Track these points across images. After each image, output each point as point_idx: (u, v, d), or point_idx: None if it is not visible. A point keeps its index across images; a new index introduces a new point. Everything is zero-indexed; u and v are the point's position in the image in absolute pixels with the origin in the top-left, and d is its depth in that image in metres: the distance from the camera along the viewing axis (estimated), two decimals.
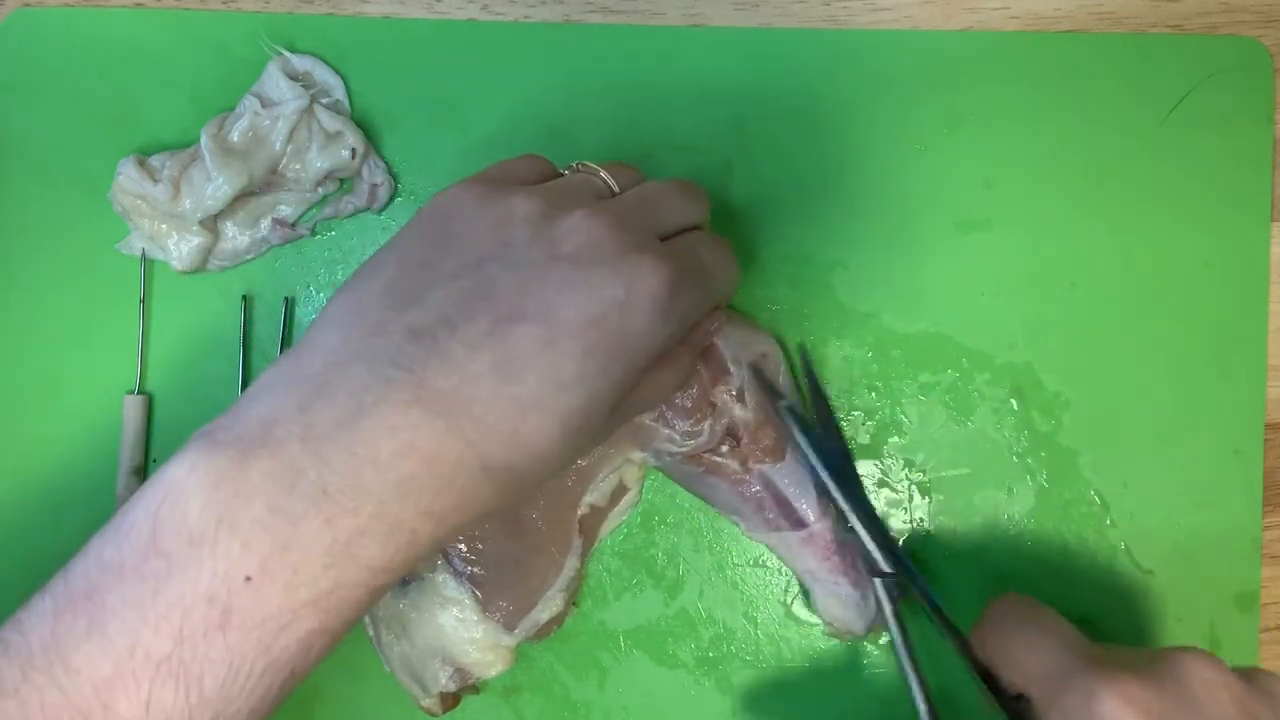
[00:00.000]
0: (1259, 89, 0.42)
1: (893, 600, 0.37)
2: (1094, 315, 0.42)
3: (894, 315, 0.42)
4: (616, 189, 0.34)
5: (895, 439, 0.42)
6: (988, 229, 0.42)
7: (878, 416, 0.42)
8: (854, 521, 0.38)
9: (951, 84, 0.42)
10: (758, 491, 0.40)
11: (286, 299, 0.42)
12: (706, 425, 0.39)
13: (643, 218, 0.32)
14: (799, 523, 0.39)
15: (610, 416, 0.30)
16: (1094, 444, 0.42)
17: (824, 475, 0.39)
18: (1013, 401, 0.42)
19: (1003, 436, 0.42)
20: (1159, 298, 0.42)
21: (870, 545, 0.38)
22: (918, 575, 0.38)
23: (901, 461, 0.42)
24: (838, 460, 0.39)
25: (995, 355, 0.42)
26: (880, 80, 0.42)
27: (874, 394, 0.42)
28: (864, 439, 0.42)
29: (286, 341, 0.42)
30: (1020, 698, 0.33)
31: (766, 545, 0.41)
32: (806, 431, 0.39)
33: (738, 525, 0.41)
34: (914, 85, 0.42)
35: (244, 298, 0.42)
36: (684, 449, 0.39)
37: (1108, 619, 0.41)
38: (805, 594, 0.41)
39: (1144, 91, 0.42)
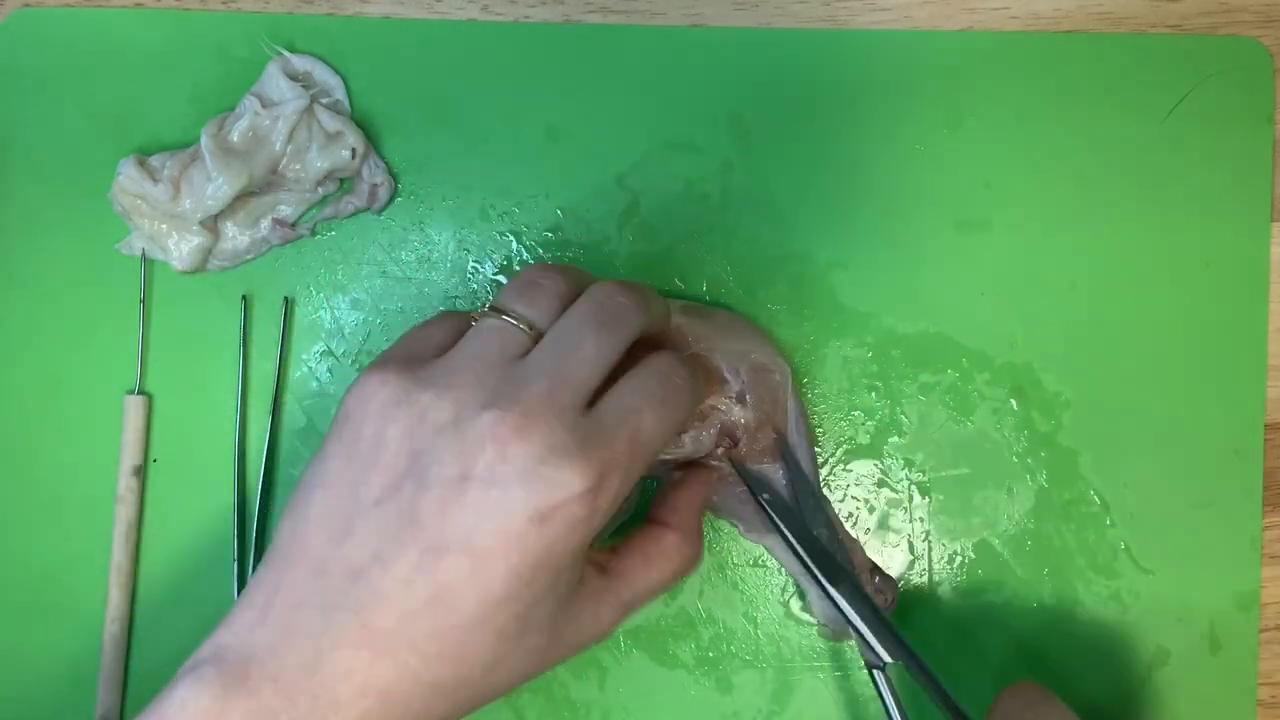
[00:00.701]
0: (1259, 89, 0.42)
1: (893, 691, 0.37)
2: (1094, 315, 0.42)
3: (894, 315, 0.42)
4: (530, 328, 0.32)
5: (895, 439, 0.42)
6: (988, 229, 0.42)
7: (878, 416, 0.42)
8: (851, 616, 0.38)
9: (951, 84, 0.42)
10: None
11: (286, 299, 0.42)
12: (689, 437, 0.38)
13: (559, 396, 0.30)
14: None
15: (566, 614, 0.31)
16: (1094, 444, 0.42)
17: (817, 574, 0.38)
18: (1013, 401, 0.42)
19: (1003, 436, 0.42)
20: (1159, 298, 0.42)
21: (869, 636, 0.37)
22: (923, 662, 0.37)
23: (901, 461, 0.42)
24: (823, 547, 0.39)
25: (995, 355, 0.42)
26: (880, 80, 0.42)
27: (874, 394, 0.42)
28: (864, 439, 0.42)
29: (286, 341, 0.42)
30: None
31: (764, 546, 0.41)
32: (790, 523, 0.39)
33: (736, 527, 0.41)
34: (914, 85, 0.42)
35: (244, 298, 0.42)
36: (670, 456, 0.39)
37: (1108, 619, 0.41)
38: (801, 595, 0.41)
39: (1144, 91, 0.42)
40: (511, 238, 0.43)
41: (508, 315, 0.32)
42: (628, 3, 0.43)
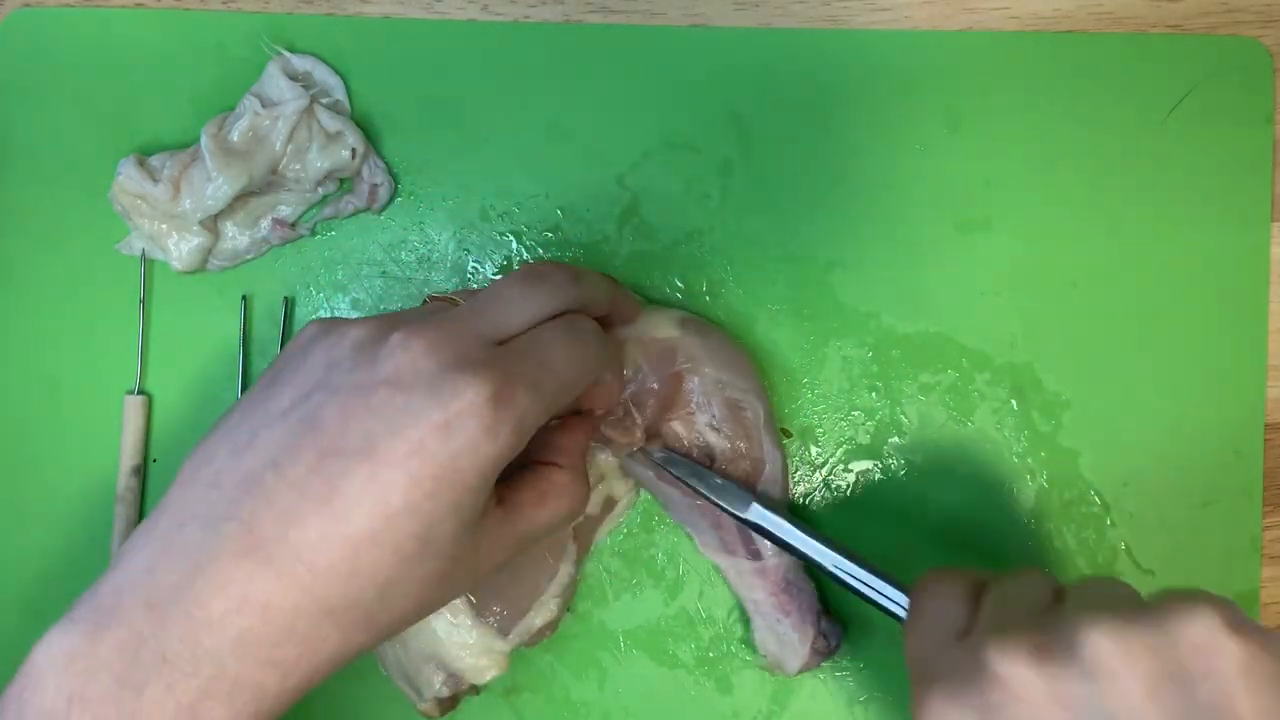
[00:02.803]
0: (1259, 89, 0.42)
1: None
2: (1094, 315, 0.42)
3: (894, 315, 0.42)
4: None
5: (895, 439, 0.42)
6: (988, 229, 0.42)
7: (878, 416, 0.42)
8: (777, 530, 0.38)
9: (951, 84, 0.42)
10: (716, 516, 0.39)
11: (286, 299, 0.42)
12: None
13: (473, 325, 0.31)
14: (755, 553, 0.39)
15: (467, 541, 0.30)
16: (1094, 444, 0.42)
17: (723, 506, 0.38)
18: (1013, 401, 0.42)
19: (1003, 436, 0.42)
20: (1159, 298, 0.42)
21: (800, 546, 0.38)
22: (850, 549, 0.37)
23: (901, 461, 0.42)
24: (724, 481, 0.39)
25: (995, 355, 0.42)
26: (880, 80, 0.42)
27: (874, 394, 0.42)
28: (864, 439, 0.42)
29: (286, 341, 0.42)
30: None
31: (717, 566, 0.41)
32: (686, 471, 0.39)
33: (692, 538, 0.41)
34: (914, 85, 0.42)
35: (244, 298, 0.42)
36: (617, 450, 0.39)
37: None
38: (745, 622, 0.41)
39: (1144, 91, 0.42)
40: (511, 238, 0.43)
41: (453, 298, 0.34)
42: (628, 3, 0.43)
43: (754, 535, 0.39)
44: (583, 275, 0.35)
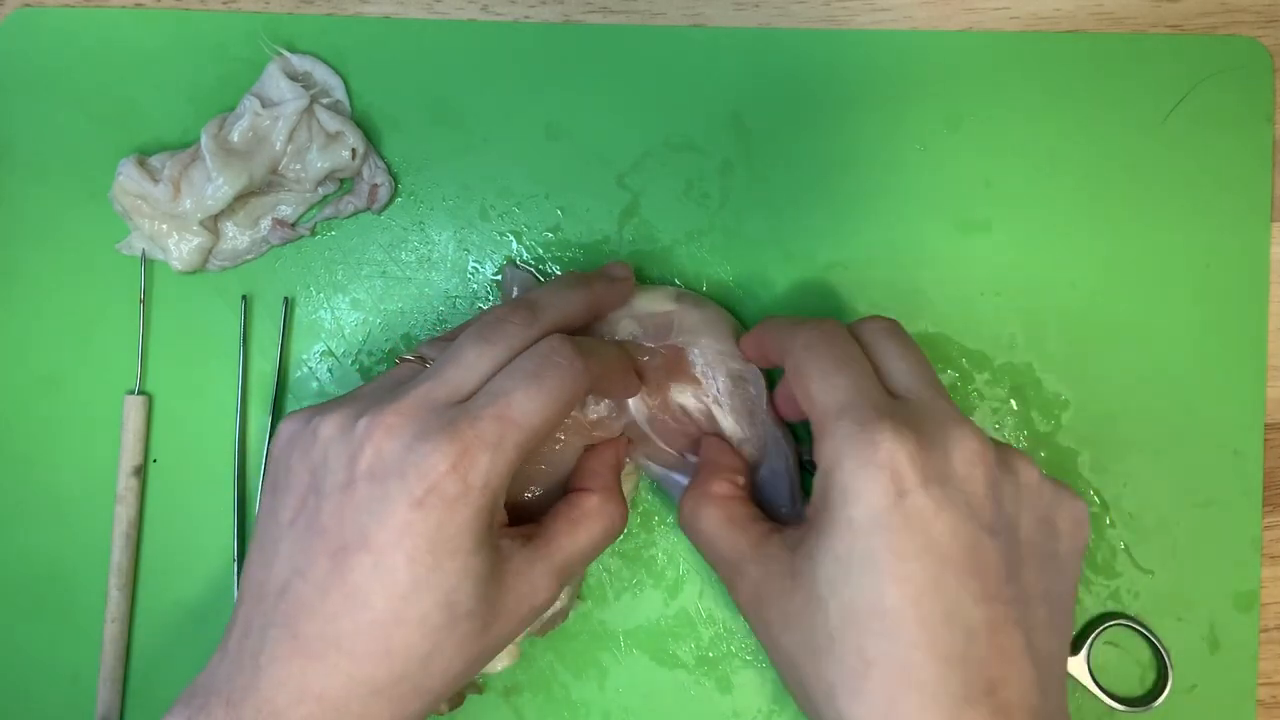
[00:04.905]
0: (1259, 89, 0.42)
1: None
2: (1094, 315, 0.42)
3: (894, 315, 0.42)
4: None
5: None
6: (988, 229, 0.42)
7: None
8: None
9: (951, 84, 0.42)
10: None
11: (286, 299, 0.42)
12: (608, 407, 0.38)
13: (430, 394, 0.32)
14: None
15: (495, 592, 0.32)
16: (1094, 444, 0.42)
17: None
18: (1012, 401, 0.42)
19: (1002, 436, 0.42)
20: (1159, 298, 0.42)
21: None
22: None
23: None
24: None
25: (995, 355, 0.42)
26: (880, 80, 0.42)
27: None
28: None
29: (286, 343, 0.42)
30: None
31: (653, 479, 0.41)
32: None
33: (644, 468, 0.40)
34: (914, 85, 0.42)
35: (244, 298, 0.42)
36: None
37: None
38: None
39: (1144, 91, 0.42)
40: (511, 238, 0.43)
41: (423, 359, 0.35)
42: (628, 3, 0.43)
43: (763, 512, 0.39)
44: (544, 301, 0.35)
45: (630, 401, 0.38)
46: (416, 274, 0.42)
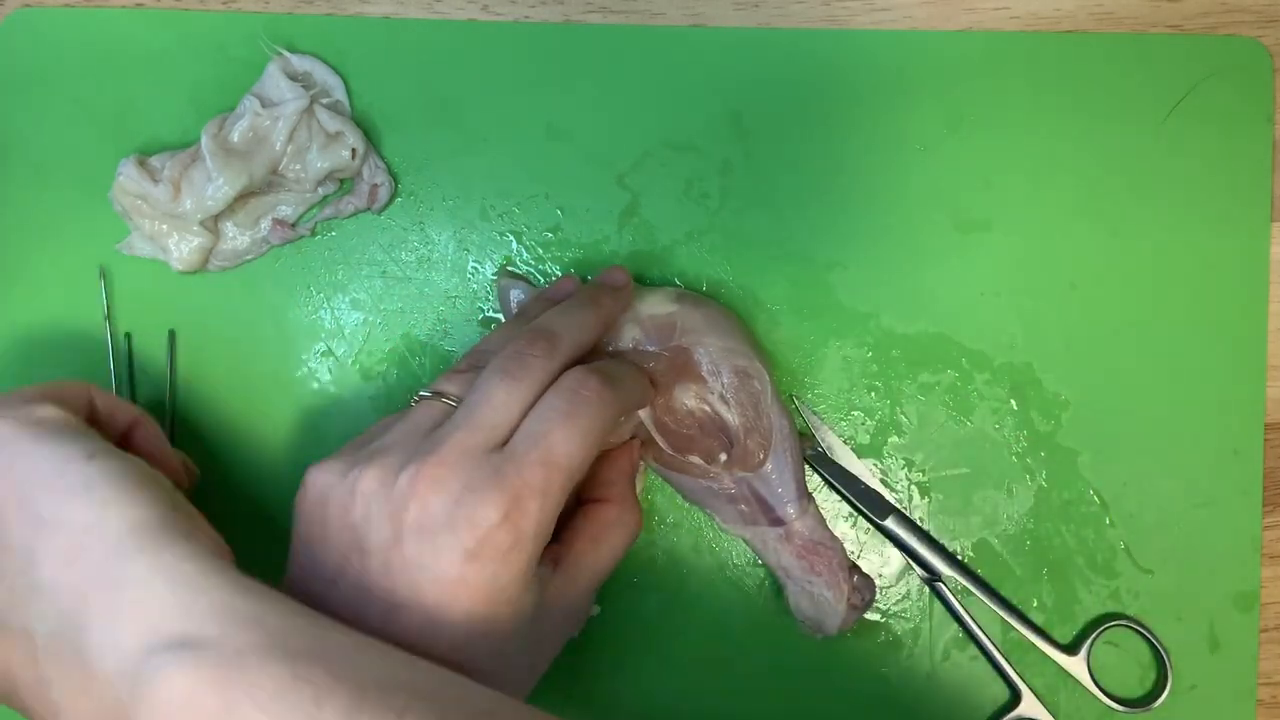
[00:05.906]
0: (1259, 89, 0.42)
1: (957, 598, 0.41)
2: (1094, 315, 0.42)
3: (894, 315, 0.42)
4: (458, 403, 0.34)
5: (895, 439, 0.42)
6: (988, 229, 0.42)
7: (878, 416, 0.42)
8: (907, 541, 0.41)
9: (951, 84, 0.42)
10: (729, 488, 0.39)
11: (171, 332, 0.42)
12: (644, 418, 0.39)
13: (469, 442, 0.31)
14: (776, 520, 0.39)
15: (542, 623, 0.33)
16: (1094, 444, 0.42)
17: (864, 511, 0.41)
18: (1012, 401, 0.42)
19: (1002, 436, 0.42)
20: (1159, 298, 0.42)
21: (926, 555, 0.41)
22: (974, 571, 0.41)
23: (901, 461, 0.42)
24: (864, 486, 0.42)
25: (995, 355, 0.42)
26: (880, 80, 0.42)
27: (874, 394, 0.42)
28: (864, 439, 0.42)
29: (173, 378, 0.42)
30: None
31: (743, 539, 0.41)
32: (842, 479, 0.41)
33: (713, 518, 0.41)
34: (914, 85, 0.42)
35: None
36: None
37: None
38: (778, 591, 0.41)
39: (1144, 91, 0.42)
40: (511, 238, 0.43)
41: (444, 397, 0.34)
42: (628, 3, 0.43)
43: (772, 503, 0.39)
44: (560, 328, 0.35)
45: None
46: (416, 274, 0.43)
